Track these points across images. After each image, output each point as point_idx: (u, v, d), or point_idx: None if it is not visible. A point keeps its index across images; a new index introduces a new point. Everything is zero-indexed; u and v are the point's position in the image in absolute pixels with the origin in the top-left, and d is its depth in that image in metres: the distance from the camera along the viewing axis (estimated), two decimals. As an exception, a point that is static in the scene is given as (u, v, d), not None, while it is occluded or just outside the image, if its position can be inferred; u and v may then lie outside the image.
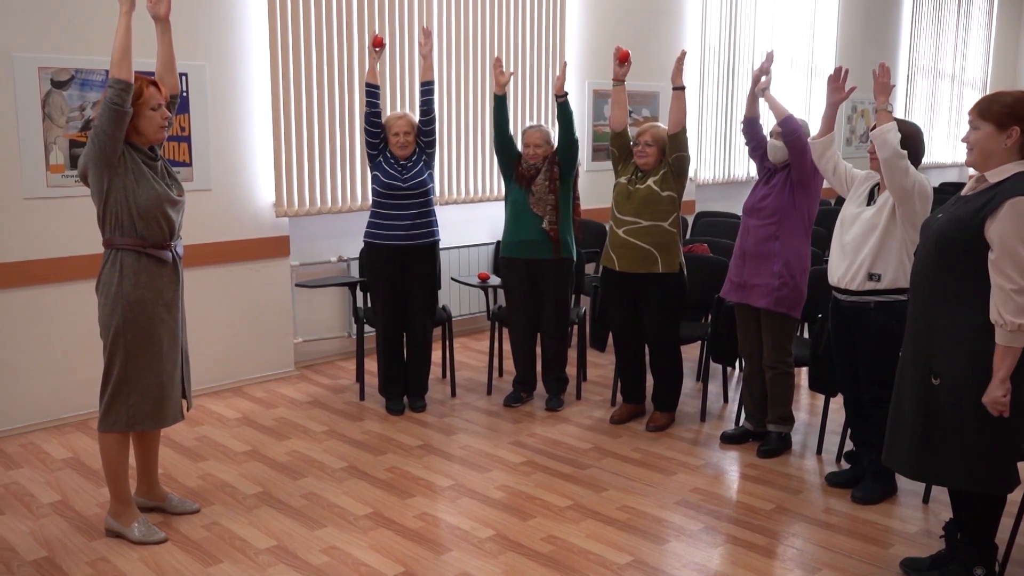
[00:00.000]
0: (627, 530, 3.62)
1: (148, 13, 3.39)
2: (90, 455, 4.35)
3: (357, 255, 5.70)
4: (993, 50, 12.76)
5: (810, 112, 9.13)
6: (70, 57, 4.59)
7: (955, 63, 11.92)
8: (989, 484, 2.94)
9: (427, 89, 4.77)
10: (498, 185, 6.68)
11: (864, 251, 3.65)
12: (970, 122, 2.93)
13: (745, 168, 8.84)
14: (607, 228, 4.69)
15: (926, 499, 3.89)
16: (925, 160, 12.67)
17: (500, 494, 3.96)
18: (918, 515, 3.77)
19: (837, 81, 3.85)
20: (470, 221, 6.58)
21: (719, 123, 8.45)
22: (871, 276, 3.65)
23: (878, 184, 3.76)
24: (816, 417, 4.84)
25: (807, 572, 3.29)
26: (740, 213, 7.94)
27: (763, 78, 4.32)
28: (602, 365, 5.92)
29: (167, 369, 3.40)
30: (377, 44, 4.79)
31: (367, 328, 5.30)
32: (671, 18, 7.79)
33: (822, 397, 4.89)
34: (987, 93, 13.29)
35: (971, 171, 3.02)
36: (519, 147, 4.95)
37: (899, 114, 10.65)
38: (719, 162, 8.58)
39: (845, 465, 4.21)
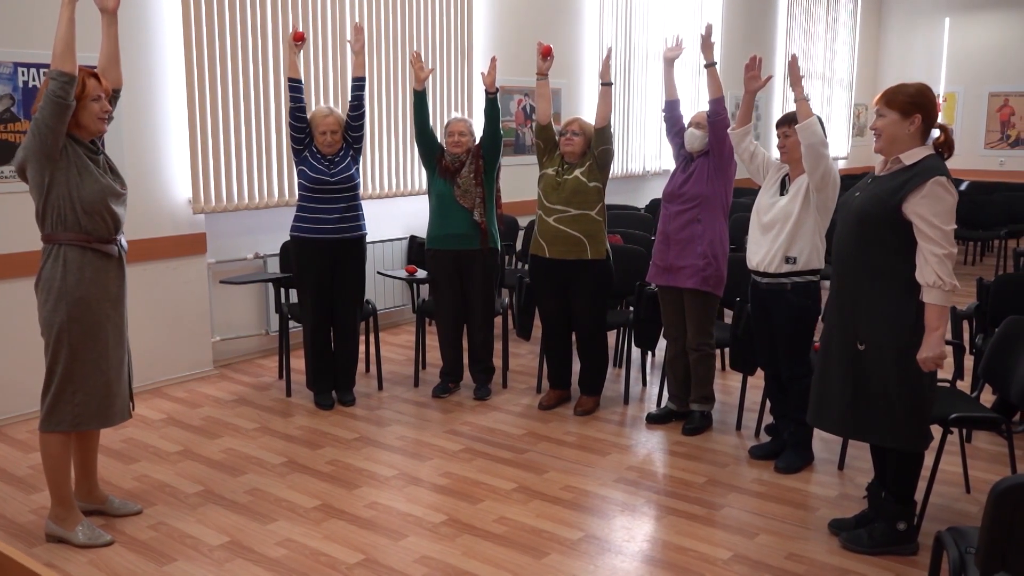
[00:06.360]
0: (574, 508, 3.76)
1: (96, 4, 3.34)
2: (12, 462, 4.18)
3: (274, 251, 5.67)
4: (857, 51, 13.60)
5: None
6: (-24, 48, 4.39)
7: (824, 63, 12.66)
8: (908, 442, 3.22)
9: (358, 85, 4.77)
10: (413, 179, 6.72)
11: (781, 237, 3.92)
12: (877, 111, 3.21)
13: (641, 163, 9.17)
14: (536, 218, 4.82)
15: (841, 466, 4.20)
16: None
17: (445, 480, 4.04)
18: (835, 481, 4.07)
19: (753, 69, 4.09)
20: (385, 216, 6.59)
21: (617, 119, 8.72)
22: (787, 259, 3.92)
23: (788, 174, 4.04)
24: (730, 396, 5.12)
25: (746, 537, 3.52)
26: (640, 206, 8.29)
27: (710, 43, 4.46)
28: (522, 355, 6.06)
29: (113, 367, 3.33)
30: (297, 39, 4.74)
31: (292, 324, 5.26)
32: (570, 17, 8.01)
33: (736, 378, 5.19)
34: (854, 91, 13.88)
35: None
36: (440, 140, 5.03)
37: (776, 112, 11.24)
38: (618, 157, 8.85)
39: (765, 438, 4.48)
